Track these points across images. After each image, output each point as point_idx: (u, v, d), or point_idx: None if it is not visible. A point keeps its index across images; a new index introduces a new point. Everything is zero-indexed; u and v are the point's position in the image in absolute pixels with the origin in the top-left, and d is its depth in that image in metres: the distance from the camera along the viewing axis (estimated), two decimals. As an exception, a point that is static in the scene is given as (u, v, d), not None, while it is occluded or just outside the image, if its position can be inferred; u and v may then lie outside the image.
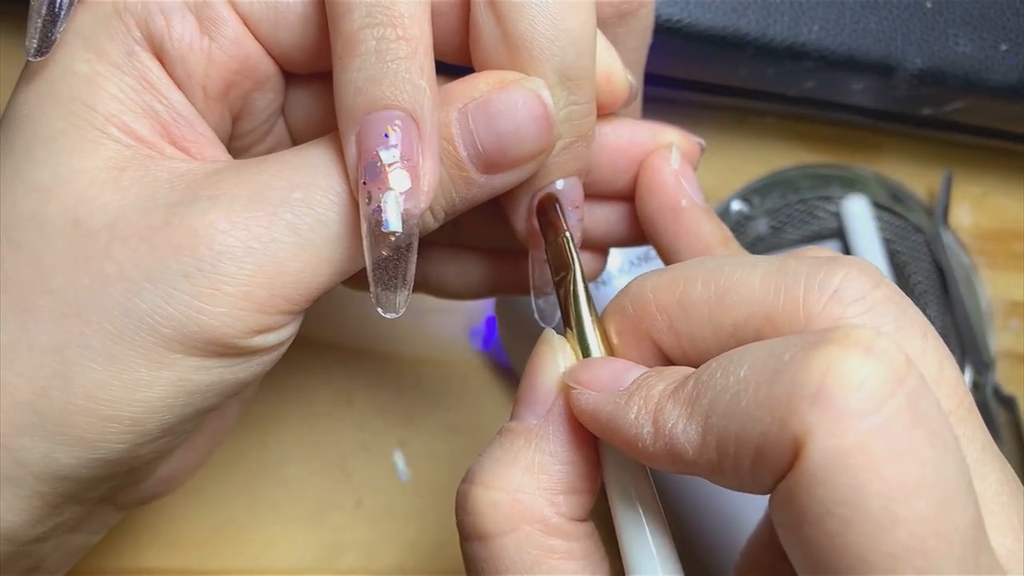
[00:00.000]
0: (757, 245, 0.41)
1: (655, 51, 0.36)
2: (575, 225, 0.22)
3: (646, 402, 0.18)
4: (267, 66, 0.22)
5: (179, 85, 0.21)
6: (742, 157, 0.42)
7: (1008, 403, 0.41)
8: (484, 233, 0.26)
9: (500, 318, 0.37)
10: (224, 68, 0.21)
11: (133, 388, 0.19)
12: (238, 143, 0.23)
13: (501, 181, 0.21)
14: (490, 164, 0.20)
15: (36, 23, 0.20)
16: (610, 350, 0.21)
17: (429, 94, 0.19)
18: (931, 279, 0.42)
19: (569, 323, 0.21)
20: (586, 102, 0.21)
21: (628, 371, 0.19)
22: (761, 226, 0.41)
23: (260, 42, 0.21)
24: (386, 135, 0.19)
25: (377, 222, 0.19)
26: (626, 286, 0.20)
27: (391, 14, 0.19)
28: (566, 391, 0.20)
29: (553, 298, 0.23)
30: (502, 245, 0.27)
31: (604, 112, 0.23)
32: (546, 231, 0.22)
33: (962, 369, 0.42)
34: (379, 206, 0.19)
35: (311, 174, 0.20)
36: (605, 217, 0.25)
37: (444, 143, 0.20)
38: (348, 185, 0.20)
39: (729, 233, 0.24)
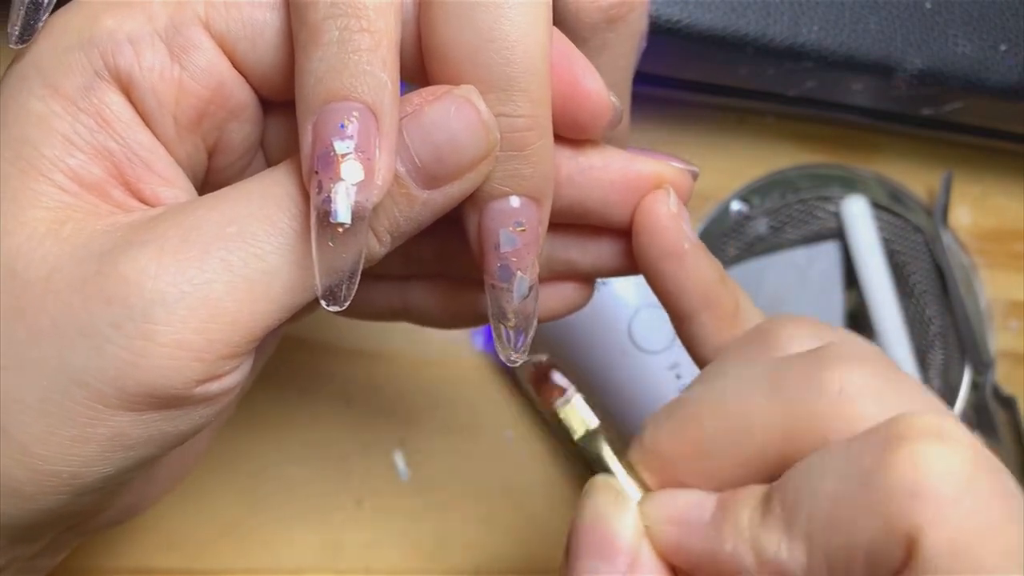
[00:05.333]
0: (757, 245, 0.41)
1: (655, 51, 0.36)
2: (521, 251, 0.21)
3: (738, 532, 0.18)
4: (243, 93, 0.21)
5: (148, 117, 0.20)
6: (742, 157, 0.42)
7: (1008, 403, 0.41)
8: (465, 262, 0.25)
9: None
10: (196, 96, 0.20)
11: (69, 443, 0.19)
12: (215, 178, 0.23)
13: (443, 195, 0.20)
14: (430, 177, 0.20)
15: (19, 11, 0.20)
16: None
17: (390, 88, 0.19)
18: (930, 279, 0.42)
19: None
20: (522, 115, 0.20)
21: (703, 500, 0.19)
22: (761, 226, 0.41)
23: (237, 66, 0.21)
24: (342, 125, 0.18)
25: (325, 212, 0.18)
26: (640, 436, 0.21)
27: (356, 5, 0.18)
28: (651, 533, 0.19)
29: (515, 327, 0.23)
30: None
31: (587, 136, 0.22)
32: (548, 398, 0.22)
33: (961, 369, 0.42)
34: (329, 196, 0.18)
35: (248, 206, 0.19)
36: (598, 251, 0.25)
37: None
38: (289, 216, 0.19)
39: (722, 269, 0.24)
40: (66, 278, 0.19)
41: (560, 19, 0.24)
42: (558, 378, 0.22)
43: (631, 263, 0.24)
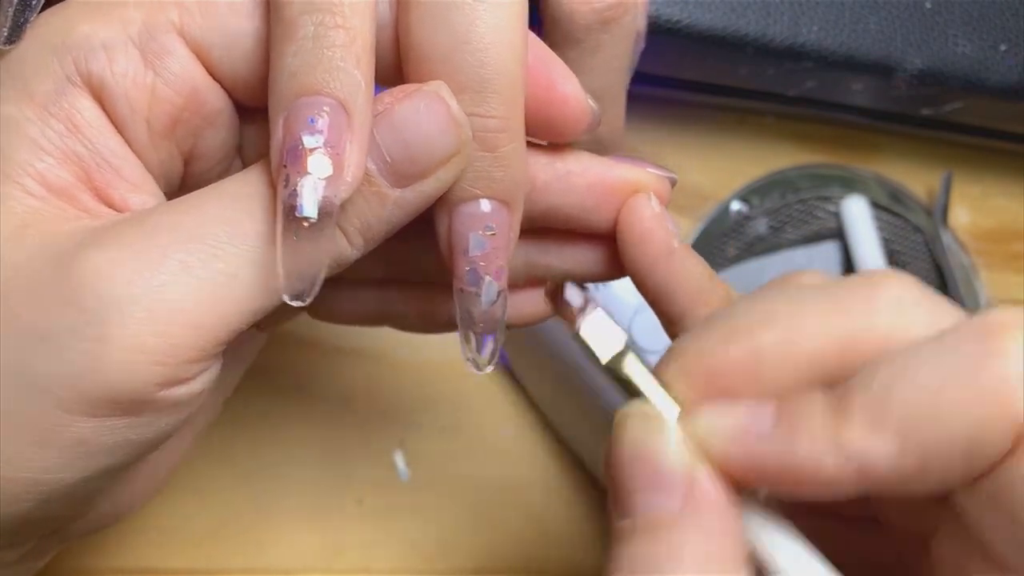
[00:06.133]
0: (756, 245, 0.41)
1: (655, 51, 0.36)
2: (490, 255, 0.21)
3: (812, 435, 0.18)
4: (218, 100, 0.21)
5: (121, 123, 0.20)
6: (742, 157, 0.42)
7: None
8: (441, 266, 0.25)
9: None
10: (169, 103, 0.20)
11: (29, 449, 0.18)
12: (192, 184, 0.22)
13: (414, 193, 0.20)
14: (400, 175, 0.19)
15: (7, 11, 0.20)
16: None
17: (363, 86, 0.18)
18: (930, 279, 0.42)
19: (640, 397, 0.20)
20: (495, 116, 0.20)
21: (758, 410, 0.19)
22: (760, 226, 0.41)
23: (212, 72, 0.21)
24: (312, 120, 0.18)
25: (291, 207, 0.18)
26: (680, 350, 0.20)
27: (332, 2, 0.18)
28: (708, 450, 0.19)
29: (486, 338, 0.22)
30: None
31: (564, 139, 0.22)
32: (567, 318, 0.21)
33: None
34: (295, 190, 0.18)
35: (212, 208, 0.19)
36: (576, 256, 0.24)
37: None
38: (254, 218, 0.19)
39: (710, 269, 0.24)
40: (24, 282, 0.18)
41: (554, 20, 0.24)
42: (572, 294, 0.21)
43: (608, 268, 0.24)
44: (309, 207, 0.18)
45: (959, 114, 0.39)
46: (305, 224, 0.18)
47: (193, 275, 0.18)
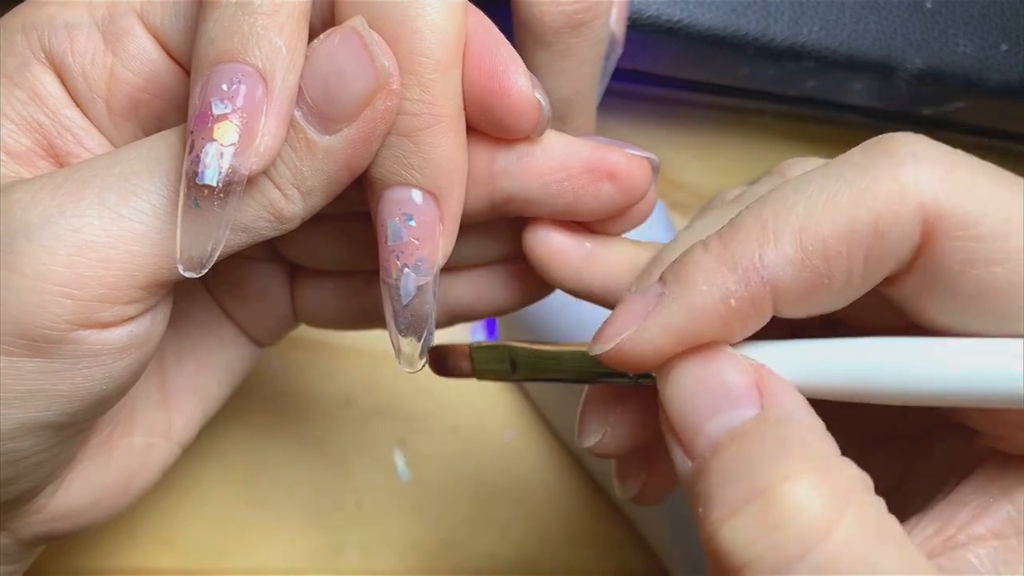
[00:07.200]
0: (757, 245, 0.41)
1: (655, 51, 0.36)
2: (407, 245, 0.20)
3: (707, 264, 0.18)
4: (179, 84, 0.21)
5: (79, 99, 0.21)
6: (742, 157, 0.42)
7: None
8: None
9: (500, 318, 0.37)
10: (128, 83, 0.20)
11: None
12: None
13: (343, 140, 0.19)
14: (324, 118, 0.19)
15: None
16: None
17: (285, 54, 0.18)
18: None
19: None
20: (419, 101, 0.19)
21: (643, 288, 0.18)
22: (761, 226, 0.41)
23: (172, 56, 0.21)
24: (225, 87, 0.18)
25: (194, 173, 0.18)
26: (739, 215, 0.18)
27: None
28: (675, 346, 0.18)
29: (416, 340, 0.22)
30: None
31: (512, 135, 0.21)
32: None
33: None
34: (198, 156, 0.18)
35: (138, 150, 0.19)
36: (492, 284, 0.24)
37: None
38: (178, 159, 0.19)
39: (635, 241, 0.23)
40: None
41: (523, 23, 0.23)
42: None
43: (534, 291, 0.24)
44: (211, 174, 0.18)
45: (960, 114, 0.39)
46: (206, 192, 0.18)
47: (109, 209, 0.18)
